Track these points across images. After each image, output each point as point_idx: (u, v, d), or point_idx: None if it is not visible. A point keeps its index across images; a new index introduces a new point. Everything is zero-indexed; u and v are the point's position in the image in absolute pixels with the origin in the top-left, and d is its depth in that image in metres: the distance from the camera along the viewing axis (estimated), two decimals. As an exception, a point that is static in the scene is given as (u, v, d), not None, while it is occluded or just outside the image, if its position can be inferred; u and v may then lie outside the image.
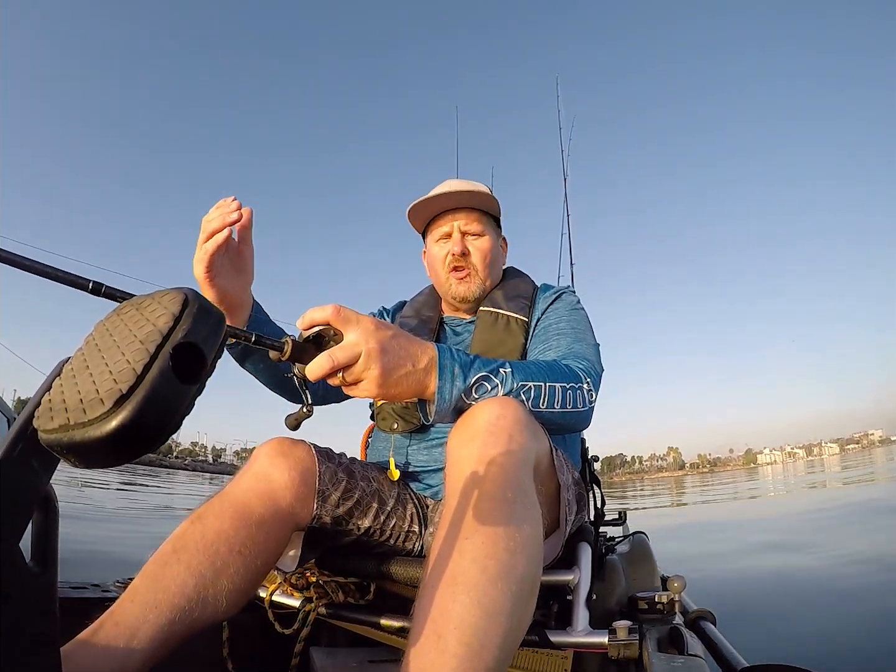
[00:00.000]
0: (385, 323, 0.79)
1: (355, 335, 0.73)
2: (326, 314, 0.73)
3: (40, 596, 0.45)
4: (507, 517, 0.69)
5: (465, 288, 1.30)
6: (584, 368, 1.02)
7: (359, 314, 0.76)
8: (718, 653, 0.99)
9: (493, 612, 0.62)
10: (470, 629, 0.60)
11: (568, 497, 0.96)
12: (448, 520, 0.71)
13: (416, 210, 1.34)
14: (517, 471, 0.74)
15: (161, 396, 0.35)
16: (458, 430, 0.81)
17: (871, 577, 3.07)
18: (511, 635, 0.64)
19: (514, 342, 1.22)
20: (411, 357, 0.79)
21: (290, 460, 0.99)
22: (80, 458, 0.36)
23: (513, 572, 0.66)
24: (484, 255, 1.31)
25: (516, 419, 0.79)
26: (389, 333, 0.77)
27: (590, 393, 0.99)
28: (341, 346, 0.73)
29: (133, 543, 3.95)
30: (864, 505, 4.92)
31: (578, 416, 0.97)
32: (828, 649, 2.05)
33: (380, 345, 0.75)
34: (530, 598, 0.69)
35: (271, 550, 0.94)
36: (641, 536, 1.56)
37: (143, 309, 0.42)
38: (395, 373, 0.77)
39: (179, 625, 0.80)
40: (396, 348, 0.77)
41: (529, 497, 0.74)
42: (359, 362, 0.74)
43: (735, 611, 2.47)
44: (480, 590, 0.63)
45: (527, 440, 0.78)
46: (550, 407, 0.91)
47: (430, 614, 0.62)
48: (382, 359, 0.75)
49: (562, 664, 1.03)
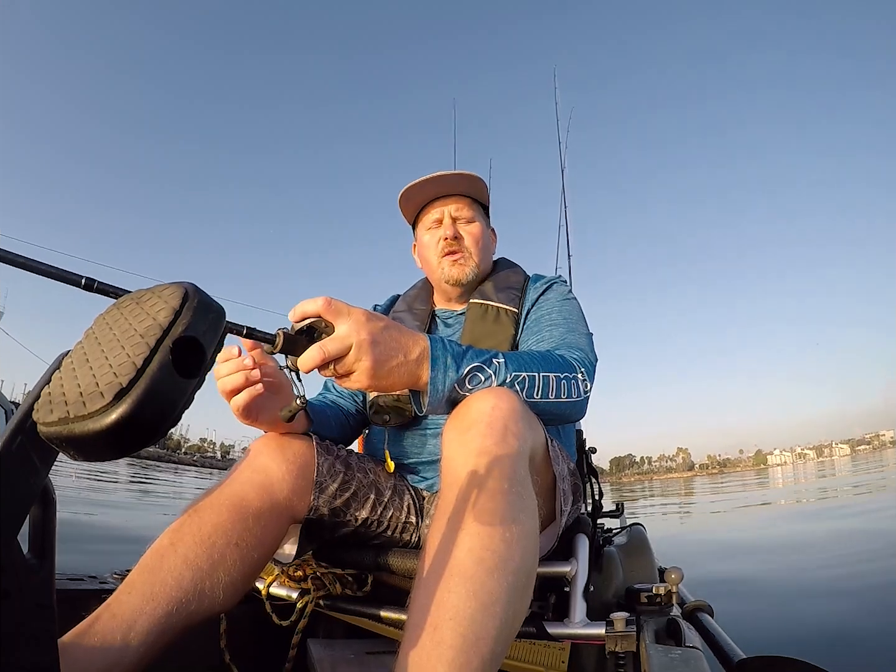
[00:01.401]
0: (377, 315, 0.78)
1: (346, 327, 0.73)
2: (317, 306, 0.73)
3: (38, 589, 0.45)
4: (504, 508, 0.69)
5: (458, 270, 1.29)
6: (578, 358, 1.01)
7: (350, 306, 0.75)
8: (716, 645, 0.99)
9: (489, 604, 0.62)
10: (466, 620, 0.60)
11: (563, 488, 0.97)
12: (444, 511, 0.71)
13: (407, 196, 1.33)
14: (513, 462, 0.74)
15: (161, 390, 0.35)
16: (453, 421, 0.81)
17: (870, 569, 3.09)
18: (507, 627, 0.64)
19: (504, 333, 1.22)
20: (402, 348, 0.78)
21: (287, 453, 0.99)
22: (80, 451, 0.36)
23: (509, 564, 0.66)
24: (476, 239, 1.31)
25: (512, 410, 0.79)
26: (381, 325, 0.77)
27: (584, 383, 0.99)
28: (332, 339, 0.73)
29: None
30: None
31: (573, 407, 0.97)
32: (826, 641, 2.07)
33: (371, 336, 0.74)
34: (526, 590, 0.69)
35: (268, 543, 0.94)
36: (639, 528, 1.57)
37: (143, 303, 0.41)
38: (386, 364, 0.76)
39: (176, 617, 0.80)
40: (388, 340, 0.77)
41: (526, 488, 0.74)
42: (350, 354, 0.74)
43: (733, 603, 2.49)
44: (477, 581, 0.63)
45: (523, 431, 0.78)
46: (545, 397, 0.91)
47: (426, 606, 0.63)
48: (373, 350, 0.75)
49: (559, 656, 1.04)
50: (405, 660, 0.60)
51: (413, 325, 1.32)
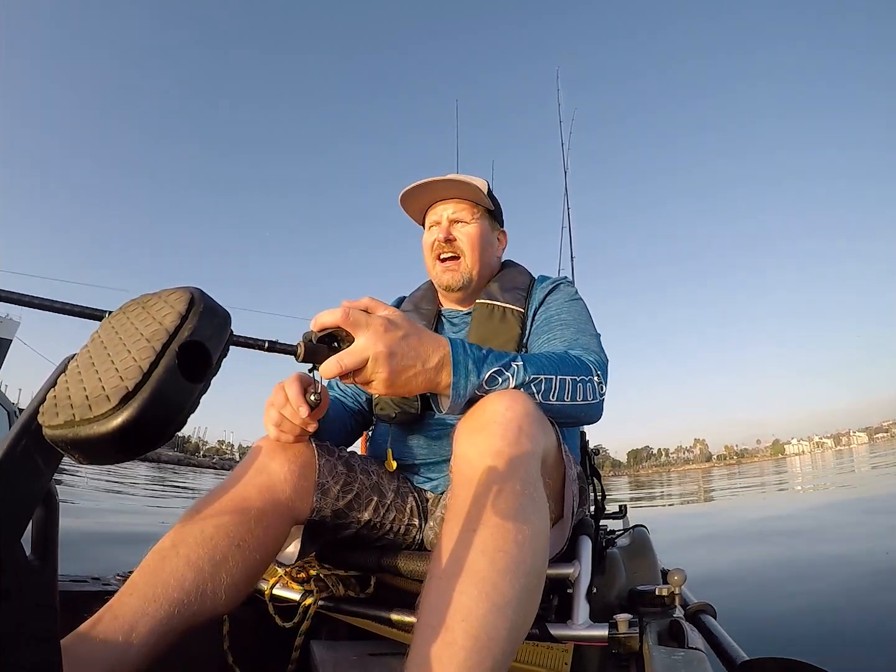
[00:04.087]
0: (395, 323, 0.79)
1: (364, 340, 0.75)
2: (336, 318, 0.75)
3: (40, 590, 0.45)
4: (516, 510, 0.69)
5: (448, 276, 1.31)
6: (594, 361, 1.02)
7: (369, 316, 0.76)
8: (719, 646, 0.99)
9: (502, 605, 0.62)
10: (478, 622, 0.60)
11: (574, 490, 0.97)
12: (455, 511, 0.71)
13: (409, 198, 1.35)
14: (526, 464, 0.74)
15: (167, 395, 0.35)
16: (466, 421, 0.81)
17: (873, 571, 3.08)
18: (518, 628, 0.64)
19: (510, 333, 1.22)
20: (420, 357, 0.79)
21: (289, 454, 0.99)
22: (85, 455, 0.36)
23: (521, 565, 0.66)
24: (471, 241, 1.31)
25: (526, 412, 0.79)
26: (399, 335, 0.78)
27: (600, 385, 1.00)
28: (349, 352, 0.74)
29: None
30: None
31: (590, 409, 0.98)
32: (828, 642, 2.06)
33: (388, 349, 0.75)
34: (537, 592, 0.69)
35: (271, 544, 0.94)
36: (642, 530, 1.57)
37: (149, 307, 0.42)
38: (403, 374, 0.78)
39: (178, 618, 0.80)
40: (405, 349, 0.78)
41: (538, 490, 0.75)
42: (367, 366, 0.75)
43: (736, 604, 2.49)
44: (489, 582, 0.63)
45: (536, 433, 0.78)
46: (561, 399, 0.92)
47: (438, 606, 0.63)
48: (390, 362, 0.76)
49: (562, 657, 1.04)
50: (416, 659, 0.60)
51: (420, 324, 1.33)
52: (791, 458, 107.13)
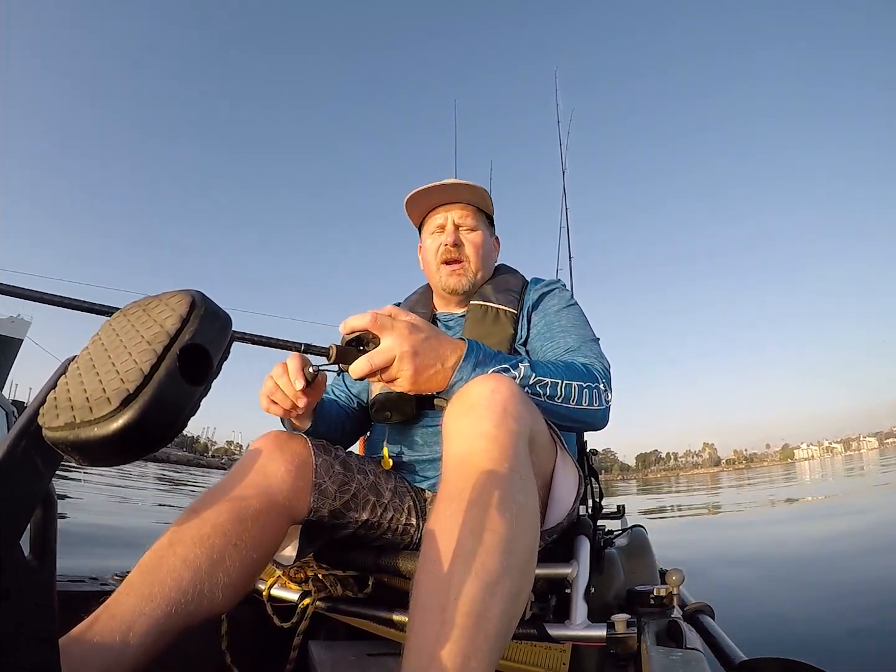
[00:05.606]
0: (418, 326, 0.88)
1: (391, 340, 0.84)
2: (365, 322, 0.84)
3: (39, 591, 0.45)
4: (505, 489, 0.70)
5: (455, 280, 1.34)
6: (599, 370, 1.05)
7: (394, 320, 0.86)
8: (717, 646, 0.99)
9: (492, 583, 0.63)
10: (470, 599, 0.61)
11: (570, 472, 0.99)
12: (445, 493, 0.71)
13: (413, 201, 1.37)
14: (513, 443, 0.75)
15: (168, 397, 0.35)
16: (453, 405, 0.82)
17: (872, 570, 3.08)
18: (511, 605, 0.65)
19: (502, 333, 1.25)
20: (440, 357, 0.88)
21: (286, 454, 0.99)
22: (85, 456, 0.36)
23: (510, 543, 0.66)
24: (477, 247, 1.34)
25: (511, 393, 0.80)
26: (422, 336, 0.87)
27: (605, 392, 1.03)
28: (378, 351, 0.84)
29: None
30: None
31: (595, 415, 1.00)
32: (826, 643, 2.07)
33: (412, 348, 0.85)
34: (528, 568, 0.70)
35: (268, 544, 0.94)
36: (640, 530, 1.57)
37: (150, 310, 0.41)
38: (425, 372, 0.87)
39: (176, 618, 0.80)
40: (427, 350, 0.87)
41: (526, 469, 0.75)
42: (394, 364, 0.85)
43: (734, 604, 2.49)
44: (479, 561, 0.64)
45: (522, 413, 0.79)
46: (566, 403, 0.95)
47: (429, 587, 0.63)
48: (414, 361, 0.85)
49: (560, 657, 1.04)
50: (413, 640, 0.61)
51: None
52: (800, 463, 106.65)
